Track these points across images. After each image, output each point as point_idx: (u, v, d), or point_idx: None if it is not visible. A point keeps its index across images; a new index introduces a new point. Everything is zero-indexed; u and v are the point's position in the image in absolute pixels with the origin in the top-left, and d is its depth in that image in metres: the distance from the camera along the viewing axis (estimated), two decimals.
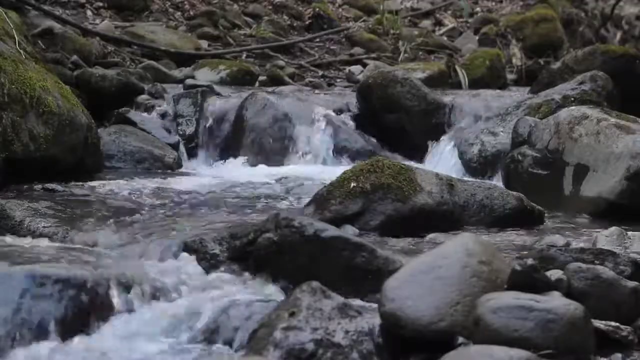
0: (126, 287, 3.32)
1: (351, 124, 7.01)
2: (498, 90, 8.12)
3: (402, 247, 4.08)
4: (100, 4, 9.39)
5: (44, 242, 4.03)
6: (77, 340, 3.12)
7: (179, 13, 9.76)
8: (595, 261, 3.36)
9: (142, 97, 7.12)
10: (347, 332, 2.99)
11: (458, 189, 4.67)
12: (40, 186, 5.27)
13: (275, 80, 8.34)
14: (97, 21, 9.02)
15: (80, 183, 5.47)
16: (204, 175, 6.37)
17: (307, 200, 4.73)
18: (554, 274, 3.17)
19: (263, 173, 6.35)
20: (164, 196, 5.32)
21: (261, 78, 8.40)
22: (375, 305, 3.13)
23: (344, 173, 4.66)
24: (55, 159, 5.60)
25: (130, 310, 3.29)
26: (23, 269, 3.26)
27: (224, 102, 7.12)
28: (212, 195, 5.45)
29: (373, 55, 9.52)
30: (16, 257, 3.53)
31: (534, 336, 2.84)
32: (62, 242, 4.01)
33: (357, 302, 3.23)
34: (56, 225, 4.43)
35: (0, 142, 5.29)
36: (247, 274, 3.54)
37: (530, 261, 3.11)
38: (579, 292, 3.13)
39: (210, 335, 3.15)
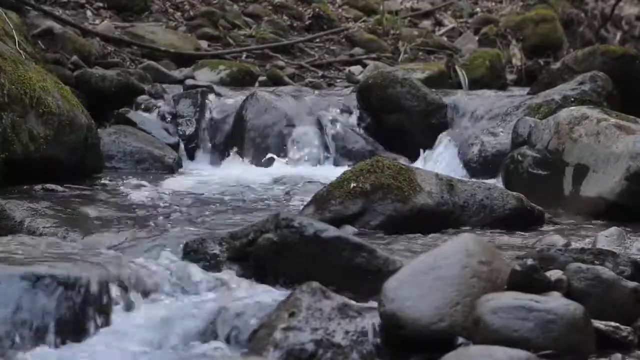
0: (126, 288, 3.32)
1: (351, 124, 7.01)
2: (498, 91, 8.12)
3: (402, 247, 4.07)
4: (100, 5, 9.39)
5: (43, 242, 4.02)
6: (76, 341, 3.12)
7: (178, 13, 9.76)
8: (595, 261, 3.36)
9: (142, 98, 7.12)
10: (347, 332, 2.99)
11: (458, 189, 4.67)
12: (40, 186, 5.27)
13: (275, 81, 8.34)
14: (97, 21, 9.02)
15: (80, 183, 5.47)
16: (203, 175, 6.37)
17: (307, 200, 4.73)
18: (554, 274, 3.17)
19: (263, 173, 6.35)
20: (164, 196, 5.33)
21: (261, 78, 8.40)
22: (375, 305, 3.12)
23: (344, 173, 4.66)
24: (55, 160, 5.60)
25: (129, 310, 3.28)
26: (22, 269, 3.25)
27: (224, 103, 7.12)
28: (211, 195, 5.46)
29: (373, 55, 9.52)
30: (15, 258, 3.52)
31: (534, 336, 2.84)
32: (62, 242, 4.00)
33: (357, 302, 3.22)
34: (56, 225, 4.42)
35: (0, 143, 5.29)
36: (246, 274, 3.54)
37: (530, 261, 3.11)
38: (579, 293, 3.13)
39: (210, 336, 3.15)
